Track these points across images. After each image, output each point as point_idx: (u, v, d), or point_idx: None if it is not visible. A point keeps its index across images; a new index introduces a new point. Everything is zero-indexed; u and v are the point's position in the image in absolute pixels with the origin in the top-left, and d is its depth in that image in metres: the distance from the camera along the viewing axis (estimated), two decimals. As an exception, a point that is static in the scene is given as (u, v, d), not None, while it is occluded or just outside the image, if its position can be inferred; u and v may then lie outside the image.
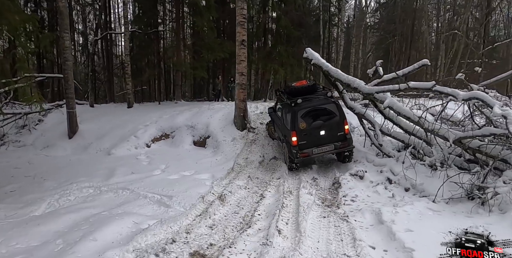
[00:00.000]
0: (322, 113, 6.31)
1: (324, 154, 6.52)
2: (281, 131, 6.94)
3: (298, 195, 4.96)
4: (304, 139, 6.12)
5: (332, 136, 6.26)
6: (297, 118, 6.10)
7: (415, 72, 9.12)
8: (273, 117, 7.96)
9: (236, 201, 4.77)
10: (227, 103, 11.97)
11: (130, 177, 5.89)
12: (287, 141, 6.39)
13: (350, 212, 4.53)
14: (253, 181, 5.78)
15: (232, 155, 7.44)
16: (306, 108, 6.23)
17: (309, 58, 9.29)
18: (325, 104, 6.41)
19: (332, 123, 6.29)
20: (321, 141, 6.24)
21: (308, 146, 6.15)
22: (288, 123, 6.30)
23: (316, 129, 6.21)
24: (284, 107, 6.75)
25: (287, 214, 4.22)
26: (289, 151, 6.25)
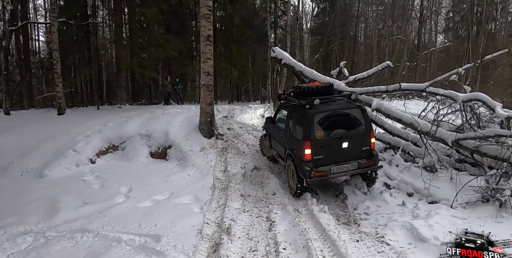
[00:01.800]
0: (344, 120, 4.81)
1: (345, 175, 4.92)
2: (285, 145, 5.45)
3: (313, 215, 4.21)
4: (321, 152, 4.61)
5: (355, 151, 4.81)
6: (312, 124, 4.57)
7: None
8: (270, 130, 6.51)
9: (243, 231, 3.77)
10: (183, 107, 10.65)
11: (84, 211, 4.33)
12: (294, 157, 4.86)
13: (375, 229, 3.99)
14: (248, 201, 4.83)
15: (206, 169, 6.31)
16: (325, 112, 4.72)
17: (278, 57, 8.72)
18: (347, 108, 4.91)
19: (357, 133, 4.80)
20: (342, 156, 4.74)
21: (325, 162, 4.64)
22: (300, 131, 4.83)
23: (336, 140, 4.67)
24: (294, 111, 5.28)
25: (316, 243, 3.43)
26: (298, 168, 4.70)
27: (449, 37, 22.34)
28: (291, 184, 5.18)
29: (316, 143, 4.60)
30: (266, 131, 6.84)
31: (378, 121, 6.64)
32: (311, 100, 4.72)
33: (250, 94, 24.51)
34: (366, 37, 21.26)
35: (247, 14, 14.15)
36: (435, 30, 24.51)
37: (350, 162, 4.77)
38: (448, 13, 22.69)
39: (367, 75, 9.04)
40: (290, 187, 5.21)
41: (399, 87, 5.81)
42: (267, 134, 6.71)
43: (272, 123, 6.40)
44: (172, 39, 11.22)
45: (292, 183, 5.14)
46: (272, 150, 6.42)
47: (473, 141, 4.87)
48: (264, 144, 7.10)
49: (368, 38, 21.70)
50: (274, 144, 6.25)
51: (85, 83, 15.05)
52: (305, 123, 4.67)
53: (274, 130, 6.24)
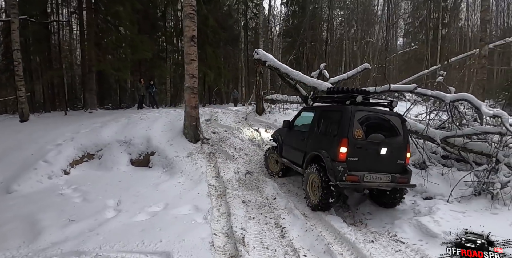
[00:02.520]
0: (383, 125, 4.47)
1: (377, 186, 4.27)
2: (307, 149, 4.91)
3: (321, 218, 4.15)
4: (356, 154, 4.16)
5: (391, 163, 4.37)
6: (352, 121, 4.17)
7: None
8: (284, 137, 6.01)
9: (256, 240, 3.58)
10: (160, 111, 10.13)
11: (71, 230, 3.84)
12: (323, 157, 4.31)
13: (383, 228, 4.03)
14: (250, 207, 4.64)
15: (198, 175, 6.01)
16: (366, 112, 4.41)
17: (262, 59, 8.66)
18: (388, 115, 4.58)
19: (394, 143, 4.42)
20: (377, 164, 4.26)
21: (359, 167, 4.16)
22: (335, 128, 4.38)
23: (374, 144, 4.24)
24: (328, 110, 4.92)
25: (334, 246, 3.35)
26: (328, 169, 4.18)
27: (409, 41, 24.03)
28: (310, 194, 4.60)
29: (353, 143, 4.14)
30: (277, 140, 6.29)
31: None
32: (353, 97, 4.40)
33: (223, 97, 24.19)
34: (334, 41, 22.03)
35: (221, 16, 13.90)
36: (395, 34, 26.11)
37: (384, 173, 4.27)
38: (408, 19, 24.40)
39: (347, 76, 9.33)
40: (308, 199, 4.62)
41: (389, 88, 6.00)
42: (278, 144, 6.17)
43: (288, 128, 5.86)
44: (145, 40, 10.64)
45: (312, 193, 4.58)
46: (282, 159, 5.85)
47: (461, 139, 5.16)
48: (270, 158, 6.46)
49: (337, 41, 22.51)
50: (287, 151, 5.73)
51: (47, 86, 13.74)
52: (344, 119, 4.23)
53: (290, 136, 5.78)
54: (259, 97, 9.91)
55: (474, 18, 23.39)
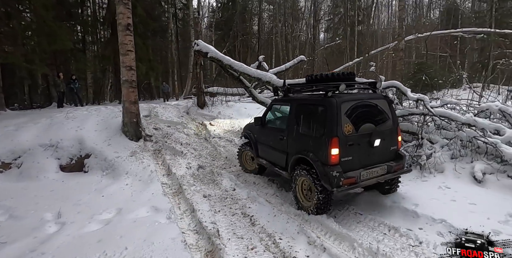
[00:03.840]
0: (371, 112, 3.94)
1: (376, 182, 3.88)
2: (289, 150, 4.35)
3: (285, 203, 4.30)
4: (349, 153, 3.64)
5: (384, 152, 3.96)
6: (340, 115, 3.58)
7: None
8: (257, 135, 5.36)
9: (228, 232, 3.52)
10: (89, 108, 9.04)
11: (7, 254, 3.19)
12: (312, 161, 3.78)
13: (342, 206, 4.40)
14: (212, 201, 4.54)
15: (147, 175, 5.60)
16: (352, 101, 3.77)
17: (203, 51, 8.39)
18: (374, 99, 4.02)
19: (385, 129, 3.96)
20: (371, 158, 3.84)
21: (354, 166, 3.70)
22: (320, 127, 3.75)
23: (365, 137, 3.75)
24: (307, 104, 4.19)
25: (307, 226, 3.53)
26: (320, 176, 3.64)
27: (330, 36, 26.27)
28: (302, 200, 4.05)
29: (344, 141, 3.58)
30: (249, 138, 5.60)
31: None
32: (335, 86, 3.80)
33: (153, 92, 22.73)
34: (265, 34, 22.63)
35: (149, 4, 12.88)
36: (318, 29, 28.15)
37: (380, 165, 3.88)
38: (329, 15, 26.56)
39: (285, 68, 9.72)
40: (300, 205, 4.05)
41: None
42: (251, 142, 5.51)
43: (260, 126, 5.13)
44: (64, 28, 9.21)
45: (304, 199, 4.05)
46: (260, 160, 5.22)
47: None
48: (244, 155, 5.84)
49: (268, 35, 23.15)
50: (265, 152, 5.13)
51: None
52: (329, 115, 3.62)
53: (264, 134, 5.12)
54: (200, 90, 9.63)
55: (381, 16, 26.88)
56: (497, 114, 6.29)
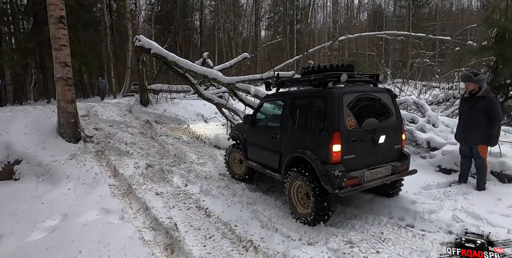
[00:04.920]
0: (374, 106, 3.65)
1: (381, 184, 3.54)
2: (283, 149, 3.98)
3: (236, 193, 4.58)
4: (352, 150, 3.34)
5: (388, 150, 3.70)
6: (341, 108, 3.26)
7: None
8: (246, 135, 4.95)
9: (185, 226, 3.65)
10: (14, 109, 8.12)
11: None
12: (310, 160, 3.41)
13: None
14: (165, 198, 4.58)
15: (91, 177, 5.35)
16: (354, 93, 3.49)
17: (146, 47, 8.13)
18: (376, 92, 3.74)
19: (389, 126, 3.67)
20: (375, 157, 3.55)
21: (358, 164, 3.40)
22: (320, 121, 3.42)
23: (369, 133, 3.45)
24: (304, 97, 3.89)
25: (261, 210, 3.84)
26: (320, 176, 3.29)
27: (271, 34, 27.18)
28: (298, 206, 3.69)
29: (347, 136, 3.26)
30: (237, 139, 5.21)
31: (254, 105, 7.59)
32: (336, 77, 3.43)
33: (87, 89, 20.91)
34: (207, 30, 22.40)
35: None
36: (259, 27, 28.86)
37: (384, 165, 3.59)
38: (270, 13, 27.40)
39: (229, 65, 9.94)
40: (295, 212, 3.69)
41: (274, 75, 6.85)
42: (240, 143, 5.10)
43: (250, 124, 4.73)
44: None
45: (300, 205, 3.69)
46: (250, 163, 4.80)
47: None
48: (232, 158, 5.41)
49: (210, 31, 22.94)
50: (255, 153, 4.73)
51: None
52: (330, 107, 3.29)
53: (255, 133, 4.72)
54: (143, 87, 9.30)
55: (318, 17, 28.73)
56: (412, 106, 7.47)
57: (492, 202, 3.82)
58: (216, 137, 7.81)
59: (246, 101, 7.44)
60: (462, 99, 4.44)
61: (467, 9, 37.56)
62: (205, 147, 7.43)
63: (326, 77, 3.52)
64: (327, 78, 3.50)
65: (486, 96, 4.04)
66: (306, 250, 2.90)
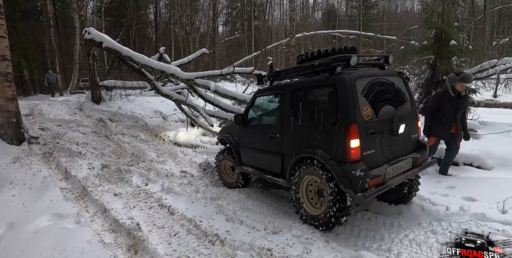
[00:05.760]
0: (389, 92, 3.27)
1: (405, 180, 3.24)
2: (285, 150, 3.54)
3: (200, 190, 4.55)
4: (372, 144, 2.97)
5: (407, 141, 3.34)
6: (356, 95, 2.86)
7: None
8: (239, 137, 4.43)
9: (148, 225, 3.55)
10: None
11: None
12: (322, 160, 3.00)
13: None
14: (125, 198, 4.40)
15: (39, 182, 4.93)
16: (367, 77, 3.10)
17: (97, 40, 7.63)
18: (388, 75, 3.36)
19: (406, 113, 3.32)
20: (395, 149, 3.21)
21: (378, 160, 3.03)
22: (332, 111, 2.98)
23: (387, 123, 3.09)
24: (307, 87, 3.37)
25: (225, 204, 3.87)
26: (337, 178, 2.88)
27: (229, 29, 27.00)
28: (307, 207, 3.32)
29: (364, 128, 2.86)
30: (227, 142, 4.68)
31: (214, 101, 7.56)
32: (344, 60, 2.99)
33: (28, 86, 18.93)
34: (162, 24, 21.53)
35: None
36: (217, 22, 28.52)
37: (404, 158, 3.26)
38: (227, 9, 27.15)
39: (187, 60, 9.74)
40: (304, 213, 3.32)
41: (233, 71, 6.87)
42: (231, 147, 4.58)
43: (242, 125, 4.25)
44: None
45: (311, 205, 3.32)
46: (245, 168, 4.31)
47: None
48: (223, 166, 4.90)
49: (166, 25, 22.08)
50: (250, 157, 4.24)
51: None
52: (342, 96, 2.86)
53: (248, 134, 4.23)
54: (95, 84, 8.71)
55: (275, 14, 29.19)
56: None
57: (433, 184, 4.30)
58: (176, 134, 7.64)
59: (206, 97, 7.38)
60: (447, 98, 4.31)
61: (410, 12, 40.89)
62: (165, 144, 7.24)
63: (334, 60, 3.04)
64: (335, 62, 3.02)
65: (466, 94, 4.37)
66: (272, 238, 3.02)
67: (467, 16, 22.78)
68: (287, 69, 3.79)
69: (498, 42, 15.12)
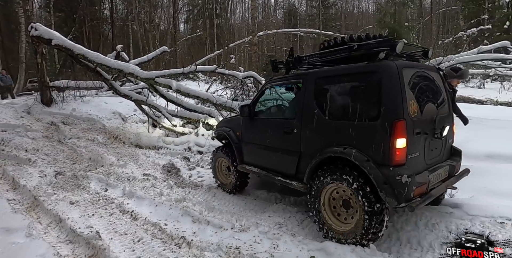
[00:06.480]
0: (431, 88, 2.93)
1: (445, 190, 3.04)
2: (303, 148, 3.07)
3: (163, 192, 4.42)
4: (417, 146, 2.60)
5: (445, 146, 3.05)
6: (403, 87, 2.45)
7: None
8: (244, 131, 3.93)
9: (109, 233, 3.35)
10: None
11: None
12: (358, 164, 2.53)
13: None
14: (83, 206, 4.13)
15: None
16: (413, 68, 2.72)
17: (45, 37, 7.08)
18: (429, 70, 3.00)
19: (445, 115, 3.01)
20: (435, 154, 2.88)
21: (419, 166, 2.66)
22: (373, 104, 2.53)
23: (430, 123, 2.75)
24: (343, 73, 2.86)
25: (191, 205, 3.78)
26: (378, 184, 2.43)
27: (191, 27, 26.39)
28: (330, 220, 2.85)
29: (411, 126, 2.47)
30: (227, 138, 4.18)
31: (177, 100, 7.38)
32: (390, 45, 2.56)
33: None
34: (119, 21, 20.42)
35: None
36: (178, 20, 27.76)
37: (442, 165, 2.93)
38: (188, 6, 26.47)
39: (147, 59, 9.40)
40: (327, 229, 2.85)
41: (195, 69, 6.73)
42: (231, 143, 4.09)
43: (248, 117, 3.75)
44: None
45: (334, 219, 2.86)
46: (247, 168, 3.85)
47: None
48: (219, 164, 4.46)
49: (123, 22, 20.97)
50: (255, 154, 3.80)
51: None
52: (387, 87, 2.45)
53: (255, 129, 3.74)
54: (45, 84, 8.05)
55: (237, 12, 29.07)
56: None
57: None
58: (137, 136, 7.33)
59: (168, 97, 7.17)
60: None
61: (365, 12, 43.11)
62: (125, 147, 6.91)
63: (379, 44, 2.63)
64: (380, 45, 2.61)
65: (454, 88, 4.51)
66: (239, 236, 3.02)
67: (416, 17, 24.57)
68: (312, 54, 3.27)
69: (443, 41, 16.49)
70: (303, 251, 2.71)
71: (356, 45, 2.71)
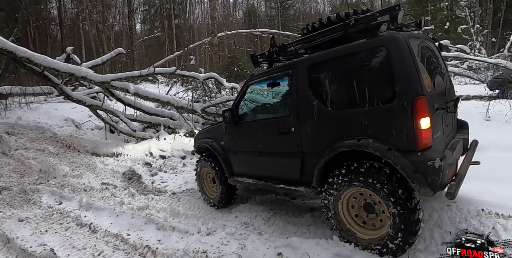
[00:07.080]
0: (432, 61, 2.67)
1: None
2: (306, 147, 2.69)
3: (125, 202, 4.22)
4: (438, 124, 2.36)
5: (454, 119, 2.90)
6: (415, 60, 2.15)
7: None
8: (229, 138, 3.49)
9: (66, 249, 3.11)
10: None
11: None
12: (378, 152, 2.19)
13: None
14: (34, 222, 3.80)
15: None
16: (417, 39, 2.46)
17: (-22, 38, 6.24)
18: (428, 41, 2.79)
19: (449, 87, 2.87)
20: (449, 131, 2.69)
21: (441, 146, 2.38)
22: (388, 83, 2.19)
23: (443, 97, 2.60)
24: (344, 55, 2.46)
25: (155, 213, 3.65)
26: (411, 173, 2.08)
27: (148, 28, 25.43)
28: (360, 234, 2.46)
29: (431, 103, 2.19)
30: (210, 150, 3.74)
31: (136, 104, 7.09)
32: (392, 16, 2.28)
33: None
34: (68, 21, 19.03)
35: None
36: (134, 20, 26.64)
37: (456, 140, 2.77)
38: (144, 6, 25.45)
39: (101, 61, 8.93)
40: (357, 242, 2.46)
41: (154, 71, 6.50)
42: (215, 154, 3.64)
43: (232, 123, 3.34)
44: None
45: (363, 231, 2.47)
46: (240, 180, 3.44)
47: (214, 108, 6.77)
48: (204, 176, 4.00)
49: (73, 22, 19.58)
50: (247, 164, 3.41)
51: None
52: (398, 62, 2.14)
53: (242, 135, 3.36)
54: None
55: (196, 12, 28.58)
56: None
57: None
58: (93, 143, 6.91)
59: (126, 101, 6.86)
60: None
61: (322, 13, 44.75)
62: (80, 156, 6.49)
63: (376, 18, 2.33)
64: (380, 16, 2.33)
65: None
66: (206, 240, 2.98)
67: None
68: (297, 40, 2.92)
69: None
70: (270, 249, 2.74)
71: (352, 20, 2.41)
